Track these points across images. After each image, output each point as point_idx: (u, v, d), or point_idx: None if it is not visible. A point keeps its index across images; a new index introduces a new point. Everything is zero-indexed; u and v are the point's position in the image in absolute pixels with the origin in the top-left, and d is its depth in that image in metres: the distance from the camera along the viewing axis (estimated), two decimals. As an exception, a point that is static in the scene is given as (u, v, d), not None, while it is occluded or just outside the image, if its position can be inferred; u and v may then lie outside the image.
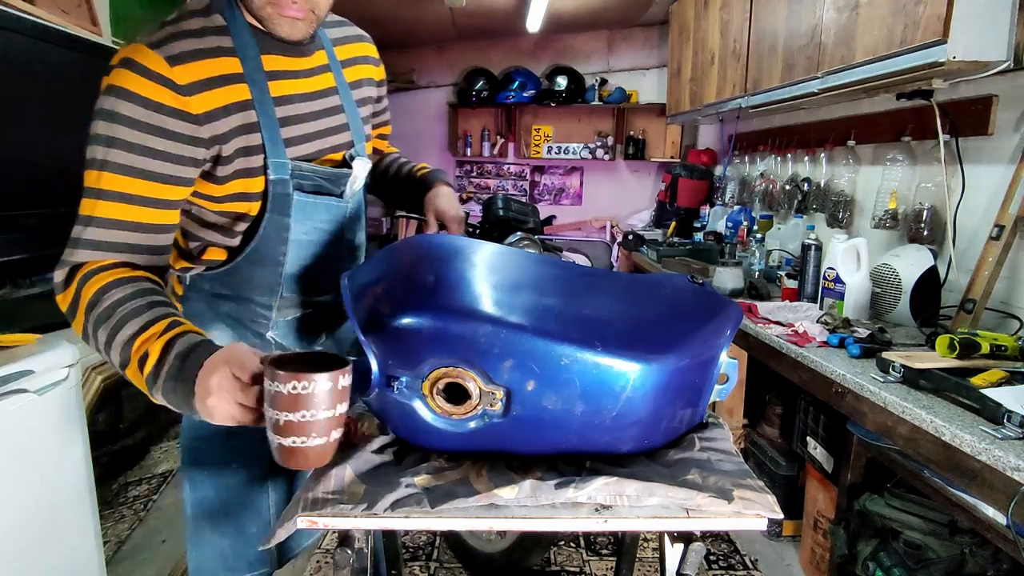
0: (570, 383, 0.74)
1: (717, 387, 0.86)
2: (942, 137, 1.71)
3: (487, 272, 0.90)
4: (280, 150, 0.90)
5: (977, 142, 1.71)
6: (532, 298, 0.87)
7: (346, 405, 0.68)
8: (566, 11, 3.79)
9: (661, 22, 4.22)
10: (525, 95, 4.37)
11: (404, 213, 1.24)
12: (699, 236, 3.42)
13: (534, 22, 3.78)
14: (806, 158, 2.61)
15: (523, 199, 4.09)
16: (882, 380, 1.30)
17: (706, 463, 0.82)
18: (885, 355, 1.34)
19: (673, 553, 0.84)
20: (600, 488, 0.75)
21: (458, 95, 4.60)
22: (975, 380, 1.15)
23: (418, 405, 0.78)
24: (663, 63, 4.22)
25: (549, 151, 4.65)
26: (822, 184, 2.47)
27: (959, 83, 1.71)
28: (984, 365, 1.23)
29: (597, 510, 0.74)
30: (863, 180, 2.27)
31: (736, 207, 3.17)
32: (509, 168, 4.84)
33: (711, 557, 2.02)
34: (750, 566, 1.98)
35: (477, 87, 4.40)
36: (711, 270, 2.32)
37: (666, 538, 0.87)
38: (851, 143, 2.24)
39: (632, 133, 4.51)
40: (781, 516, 0.73)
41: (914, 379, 1.25)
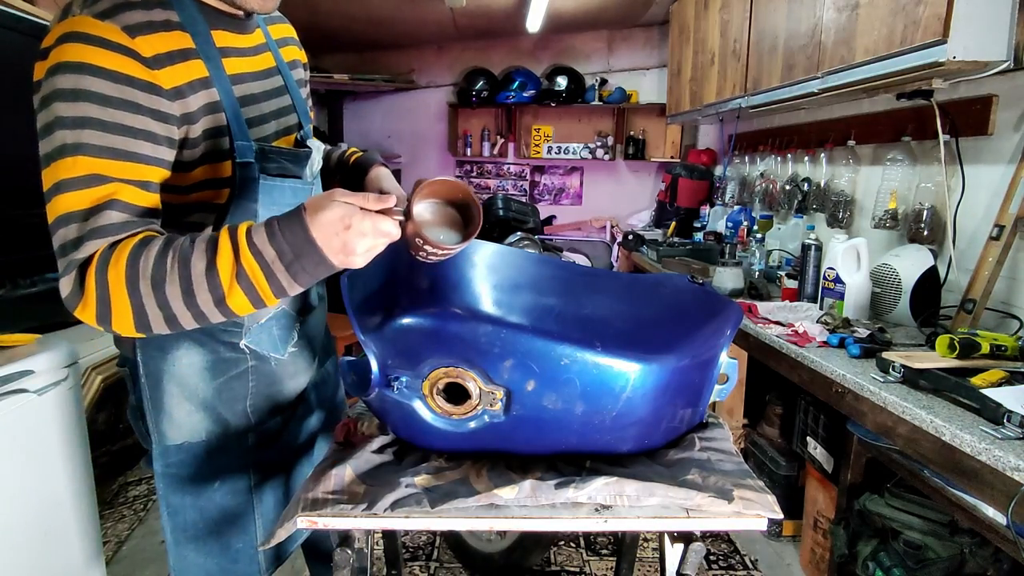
0: (570, 383, 0.74)
1: (717, 387, 0.86)
2: (942, 137, 1.71)
3: (487, 272, 0.90)
4: (244, 131, 0.84)
5: (977, 142, 1.71)
6: (532, 298, 0.87)
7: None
8: (566, 11, 3.79)
9: (661, 22, 4.22)
10: (525, 95, 4.37)
11: None
12: (699, 236, 3.42)
13: (534, 22, 3.78)
14: (806, 158, 2.61)
15: (523, 199, 4.10)
16: (882, 380, 1.30)
17: (706, 463, 0.82)
18: (885, 355, 1.34)
19: (673, 553, 0.84)
20: (600, 488, 0.75)
21: (458, 95, 4.60)
22: (975, 380, 1.15)
23: (418, 405, 0.78)
24: (663, 63, 4.22)
25: (549, 151, 4.65)
26: (822, 184, 2.47)
27: (959, 83, 1.71)
28: (984, 365, 1.23)
29: (597, 510, 0.74)
30: (863, 180, 2.27)
31: (736, 207, 3.17)
32: (509, 168, 4.84)
33: (711, 557, 2.02)
34: (750, 566, 1.98)
35: (477, 87, 4.40)
36: (711, 270, 2.32)
37: (666, 538, 0.87)
38: (851, 143, 2.24)
39: (632, 133, 4.51)
40: (781, 516, 0.73)
41: (914, 379, 1.25)
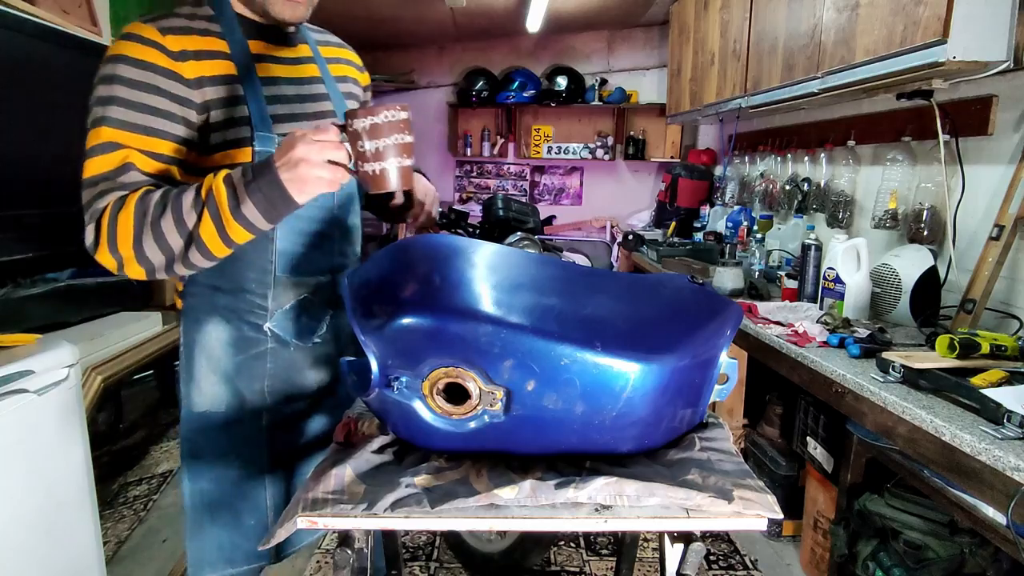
0: (570, 383, 0.74)
1: (717, 387, 0.86)
2: (942, 137, 1.71)
3: (487, 272, 0.90)
4: (267, 124, 0.95)
5: (977, 142, 1.71)
6: (532, 298, 0.87)
7: (412, 136, 0.83)
8: (566, 11, 3.79)
9: (661, 22, 4.22)
10: (525, 95, 4.37)
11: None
12: (699, 236, 3.42)
13: (534, 22, 3.78)
14: (806, 158, 2.61)
15: (523, 199, 4.09)
16: (882, 380, 1.30)
17: (706, 463, 0.82)
18: (885, 355, 1.34)
19: (673, 553, 0.84)
20: (600, 488, 0.75)
21: (458, 95, 4.60)
22: (975, 380, 1.15)
23: (418, 405, 0.78)
24: (663, 63, 4.22)
25: (549, 151, 4.65)
26: (822, 184, 2.47)
27: (959, 83, 1.71)
28: (984, 365, 1.23)
29: (597, 510, 0.74)
30: (863, 180, 2.27)
31: (736, 207, 3.17)
32: (509, 168, 4.84)
33: (711, 557, 2.02)
34: (750, 566, 1.98)
35: (477, 87, 4.40)
36: (711, 270, 2.32)
37: (666, 538, 0.87)
38: (851, 143, 2.24)
39: (632, 133, 4.51)
40: (781, 516, 0.73)
41: (914, 379, 1.25)
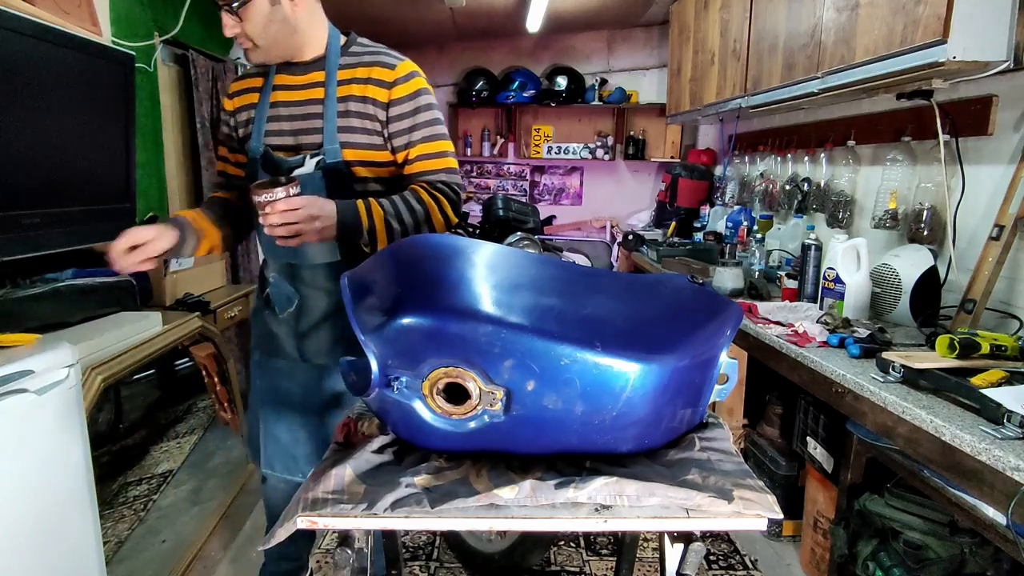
0: (570, 383, 0.74)
1: (717, 387, 0.86)
2: (942, 137, 1.71)
3: (487, 272, 0.90)
4: (259, 137, 1.29)
5: (977, 142, 1.71)
6: (532, 298, 0.86)
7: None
8: (566, 11, 3.79)
9: (661, 22, 4.22)
10: (525, 95, 4.37)
11: None
12: (699, 236, 3.42)
13: (534, 22, 3.78)
14: (806, 158, 2.61)
15: (523, 199, 4.09)
16: (882, 380, 1.30)
17: (706, 463, 0.82)
18: (885, 355, 1.34)
19: (673, 553, 0.84)
20: (600, 488, 0.75)
21: (458, 95, 4.60)
22: (975, 380, 1.15)
23: (418, 405, 0.78)
24: (663, 63, 4.22)
25: (549, 151, 4.65)
26: (822, 184, 2.47)
27: (959, 83, 1.71)
28: (984, 365, 1.23)
29: (597, 510, 0.74)
30: (863, 180, 2.27)
31: (736, 207, 3.17)
32: (509, 168, 4.84)
33: (711, 557, 2.02)
34: (750, 566, 1.98)
35: (477, 87, 4.40)
36: (711, 270, 2.32)
37: (666, 538, 0.87)
38: (851, 143, 2.24)
39: (632, 133, 4.51)
40: (781, 516, 0.73)
41: (914, 379, 1.25)
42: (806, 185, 2.54)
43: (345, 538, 0.82)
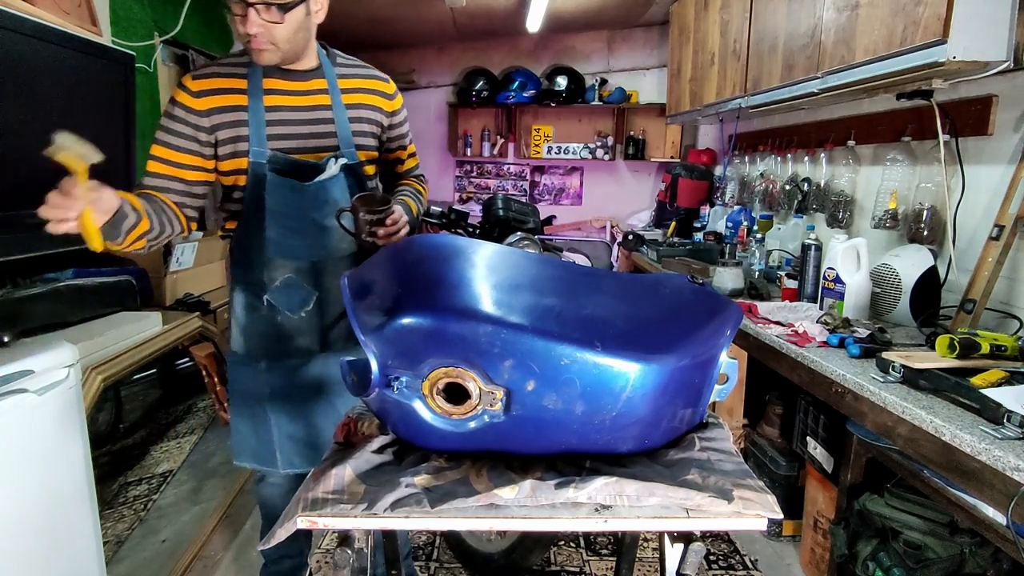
0: (570, 383, 0.74)
1: (717, 387, 0.86)
2: (942, 137, 1.71)
3: (487, 272, 0.90)
4: (261, 141, 1.26)
5: (977, 142, 1.71)
6: (532, 298, 0.87)
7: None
8: (566, 11, 3.79)
9: (661, 22, 4.22)
10: (525, 95, 4.37)
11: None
12: (699, 236, 3.42)
13: (534, 22, 3.78)
14: (806, 158, 2.61)
15: (523, 199, 4.09)
16: (882, 380, 1.30)
17: (706, 463, 0.82)
18: (885, 355, 1.34)
19: (673, 553, 0.84)
20: (600, 488, 0.75)
21: (458, 95, 4.60)
22: (975, 380, 1.15)
23: (418, 405, 0.78)
24: (663, 63, 4.22)
25: (549, 151, 4.65)
26: (822, 184, 2.47)
27: (959, 83, 1.71)
28: (984, 365, 1.23)
29: (597, 510, 0.74)
30: (863, 180, 2.27)
31: (736, 207, 3.17)
32: (509, 168, 4.84)
33: (711, 557, 2.02)
34: (750, 566, 1.98)
35: (477, 87, 4.40)
36: (711, 270, 2.32)
37: (666, 538, 0.87)
38: (851, 143, 2.24)
39: (632, 133, 4.51)
40: (781, 516, 0.73)
41: (914, 379, 1.25)
42: (806, 185, 2.54)
43: (345, 538, 0.82)
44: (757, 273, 2.49)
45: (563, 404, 0.75)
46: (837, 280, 1.75)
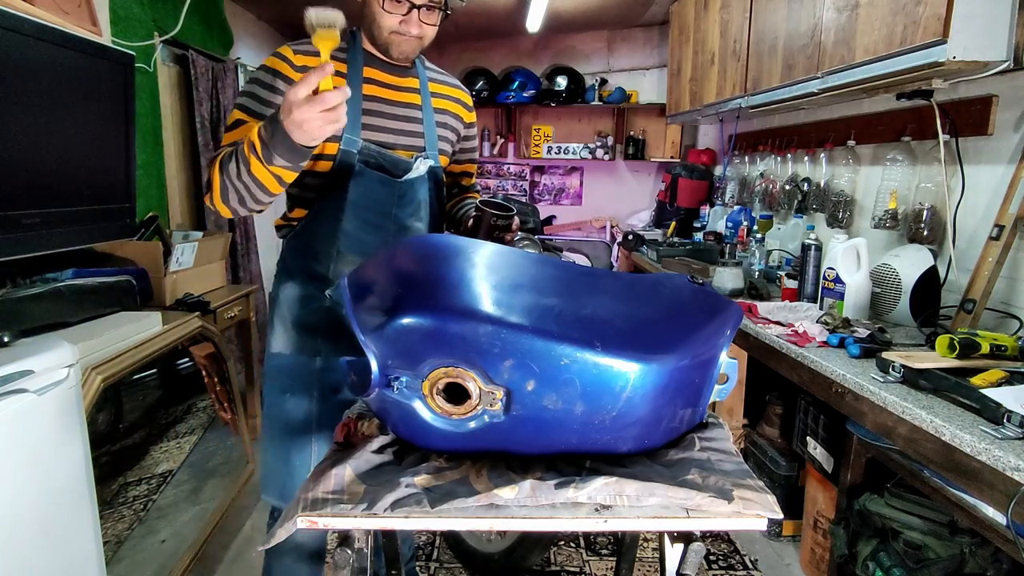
0: (570, 383, 0.74)
1: (717, 387, 0.86)
2: (942, 137, 1.71)
3: (487, 272, 0.90)
4: (356, 129, 1.20)
5: (977, 142, 1.71)
6: (532, 298, 0.86)
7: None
8: (566, 11, 3.79)
9: (661, 22, 4.22)
10: (525, 95, 4.37)
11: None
12: (699, 236, 3.42)
13: (534, 22, 3.78)
14: (806, 158, 2.61)
15: (523, 199, 4.09)
16: (882, 380, 1.30)
17: (706, 463, 0.82)
18: (885, 355, 1.34)
19: (673, 553, 0.84)
20: (600, 488, 0.74)
21: (458, 95, 4.60)
22: (975, 380, 1.15)
23: (418, 405, 0.78)
24: (663, 63, 4.22)
25: (549, 151, 4.65)
26: (822, 184, 2.47)
27: (959, 83, 1.71)
28: (984, 365, 1.23)
29: (597, 510, 0.74)
30: (863, 180, 2.27)
31: (736, 207, 3.17)
32: (509, 168, 4.84)
33: (711, 557, 2.02)
34: (750, 566, 1.98)
35: (477, 87, 4.40)
36: (711, 270, 2.32)
37: (666, 538, 0.87)
38: (851, 143, 2.24)
39: (632, 133, 4.51)
40: (781, 516, 0.73)
41: (914, 379, 1.25)
42: (806, 185, 2.54)
43: (345, 538, 0.82)
44: (757, 273, 2.50)
45: (563, 404, 0.75)
46: (837, 280, 1.75)
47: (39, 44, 1.68)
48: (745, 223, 2.96)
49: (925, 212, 1.84)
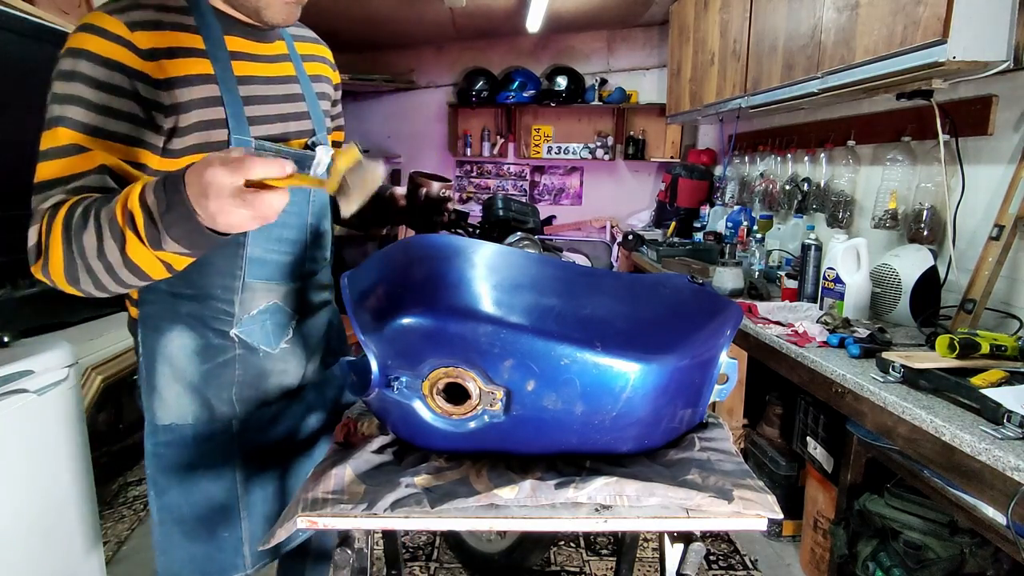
0: (570, 383, 0.74)
1: (717, 387, 0.86)
2: (942, 137, 1.71)
3: (487, 272, 0.90)
4: (244, 127, 0.89)
5: (977, 142, 1.71)
6: (532, 298, 0.86)
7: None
8: (566, 11, 3.79)
9: (661, 22, 4.22)
10: (525, 95, 4.37)
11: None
12: (699, 236, 3.42)
13: (534, 22, 3.78)
14: (806, 158, 2.61)
15: (523, 199, 4.08)
16: (882, 380, 1.30)
17: (706, 463, 0.82)
18: (885, 355, 1.34)
19: (673, 553, 0.84)
20: (600, 488, 0.75)
21: (458, 95, 4.60)
22: (975, 380, 1.15)
23: (418, 405, 0.78)
24: (663, 63, 4.22)
25: (549, 151, 4.65)
26: (822, 184, 2.47)
27: (959, 83, 1.71)
28: (984, 365, 1.23)
29: (597, 510, 0.74)
30: (863, 180, 2.27)
31: (736, 207, 3.17)
32: (509, 168, 4.84)
33: (711, 557, 2.02)
34: (750, 566, 1.98)
35: (477, 87, 4.40)
36: (711, 270, 2.32)
37: (666, 538, 0.87)
38: (851, 143, 2.24)
39: (632, 133, 4.51)
40: (781, 516, 0.73)
41: (914, 379, 1.25)
42: (806, 185, 2.54)
43: (345, 538, 0.82)
44: (757, 273, 2.49)
45: (563, 404, 0.75)
46: (837, 280, 1.75)
47: (38, 44, 1.68)
48: (745, 223, 2.96)
49: (925, 212, 1.84)
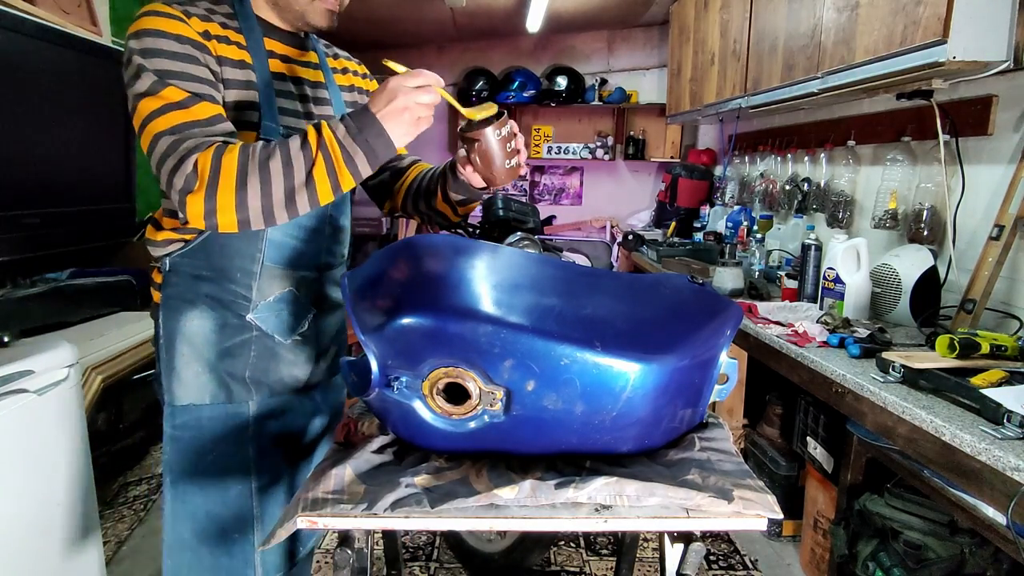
0: (570, 383, 0.74)
1: (717, 387, 0.86)
2: (942, 137, 1.71)
3: (487, 272, 0.90)
4: (274, 113, 0.97)
5: (977, 142, 1.71)
6: (532, 298, 0.86)
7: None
8: (566, 11, 3.79)
9: (661, 22, 4.22)
10: (525, 95, 4.37)
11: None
12: (699, 236, 3.42)
13: (534, 22, 3.78)
14: (806, 158, 2.61)
15: (523, 199, 4.08)
16: (882, 380, 1.30)
17: (706, 463, 0.82)
18: (885, 355, 1.34)
19: (673, 553, 0.85)
20: (600, 488, 0.75)
21: (458, 95, 4.60)
22: (975, 380, 1.15)
23: (418, 405, 0.78)
24: (663, 63, 4.22)
25: (549, 151, 4.65)
26: (822, 184, 2.47)
27: (959, 83, 1.71)
28: (984, 365, 1.23)
29: (597, 510, 0.74)
30: (863, 180, 2.27)
31: (736, 207, 3.17)
32: (509, 168, 4.84)
33: (711, 557, 2.02)
34: (750, 566, 1.98)
35: (477, 87, 4.40)
36: (711, 270, 2.32)
37: (666, 538, 0.87)
38: (851, 143, 2.24)
39: (632, 133, 4.51)
40: (781, 516, 0.73)
41: (914, 379, 1.25)
42: (806, 185, 2.54)
43: (345, 538, 0.82)
44: (757, 273, 2.50)
45: (563, 404, 0.75)
46: (837, 280, 1.75)
47: (39, 44, 1.68)
48: (745, 223, 2.96)
49: (925, 212, 1.84)
